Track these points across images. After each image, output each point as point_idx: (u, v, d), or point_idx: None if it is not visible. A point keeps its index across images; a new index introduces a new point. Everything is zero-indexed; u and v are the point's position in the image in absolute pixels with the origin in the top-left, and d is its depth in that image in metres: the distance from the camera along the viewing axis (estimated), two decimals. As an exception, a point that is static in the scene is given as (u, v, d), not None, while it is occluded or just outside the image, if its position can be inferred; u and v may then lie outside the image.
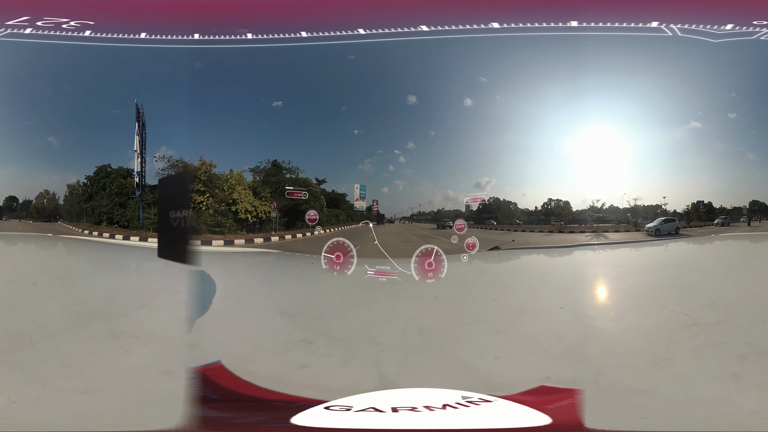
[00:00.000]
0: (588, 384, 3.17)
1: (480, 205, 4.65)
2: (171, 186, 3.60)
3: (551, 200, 4.70)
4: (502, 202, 4.88)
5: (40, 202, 4.06)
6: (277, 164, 4.99)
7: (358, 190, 4.86)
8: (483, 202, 4.47)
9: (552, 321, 3.77)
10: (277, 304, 3.96)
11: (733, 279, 4.24)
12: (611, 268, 4.37)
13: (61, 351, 3.39)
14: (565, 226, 4.83)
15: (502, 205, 4.92)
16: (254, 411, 3.12)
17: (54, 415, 2.89)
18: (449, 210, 4.43)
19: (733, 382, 3.16)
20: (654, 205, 4.61)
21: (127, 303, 3.79)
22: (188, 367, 3.28)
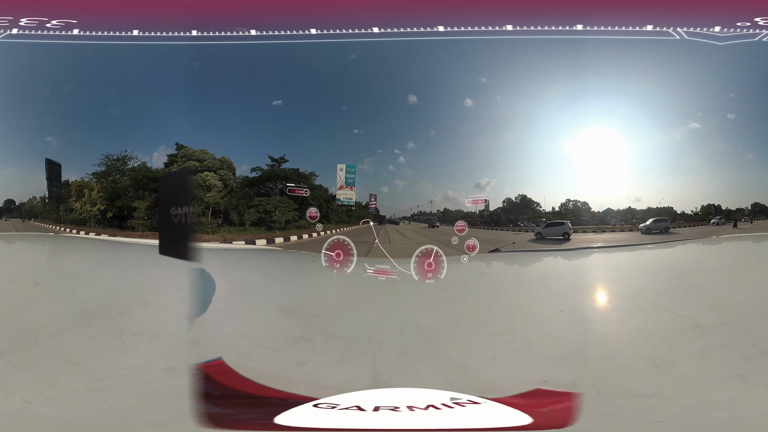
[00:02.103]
0: (587, 387, 3.13)
1: (505, 204, 4.55)
2: (171, 182, 3.62)
3: (569, 201, 4.54)
4: (529, 201, 4.56)
5: (29, 205, 4.20)
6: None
7: (344, 173, 3.84)
8: (509, 201, 4.39)
9: (552, 324, 3.73)
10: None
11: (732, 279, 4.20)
12: (612, 270, 4.34)
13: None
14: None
15: (529, 204, 4.61)
16: (256, 407, 3.12)
17: (71, 415, 2.92)
18: (452, 210, 4.41)
19: (740, 384, 3.12)
20: (660, 207, 4.55)
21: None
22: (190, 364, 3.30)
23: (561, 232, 4.58)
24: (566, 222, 4.57)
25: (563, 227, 4.57)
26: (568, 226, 4.56)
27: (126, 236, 4.11)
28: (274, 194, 4.56)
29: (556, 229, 4.60)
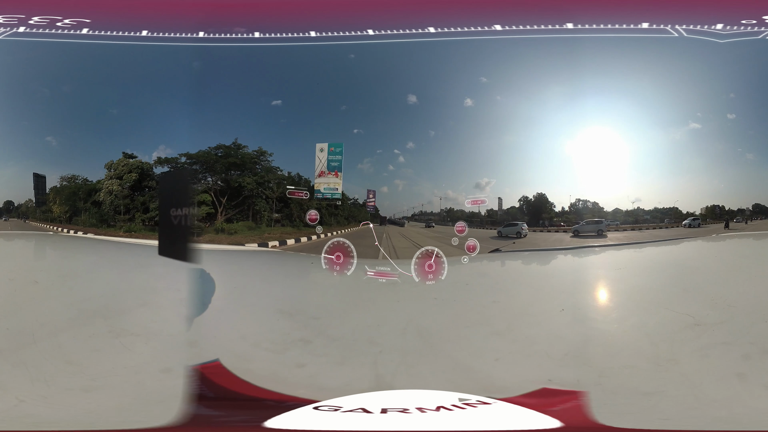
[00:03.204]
0: (591, 386, 3.14)
1: (522, 204, 4.48)
2: (171, 182, 3.59)
3: (579, 200, 4.49)
4: (545, 200, 4.41)
5: (25, 206, 4.57)
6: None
7: (325, 154, 2.79)
8: (526, 199, 4.35)
9: (553, 323, 3.73)
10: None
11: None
12: (613, 269, 4.36)
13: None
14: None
15: (546, 204, 4.46)
16: (251, 409, 3.07)
17: (62, 414, 2.90)
18: (456, 210, 4.39)
19: (739, 382, 3.14)
20: (667, 207, 4.54)
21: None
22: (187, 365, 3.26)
23: (596, 230, 4.44)
24: (602, 220, 4.49)
25: (599, 225, 4.45)
26: (603, 224, 4.48)
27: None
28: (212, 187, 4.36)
29: (593, 227, 4.48)
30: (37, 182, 4.28)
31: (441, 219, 4.45)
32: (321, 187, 3.20)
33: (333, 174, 3.16)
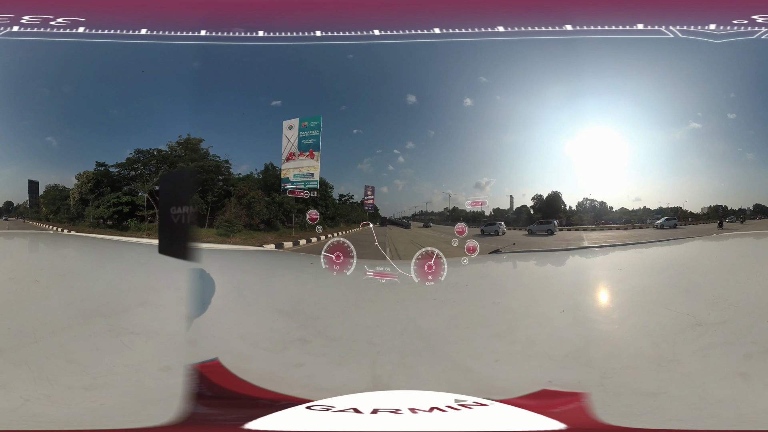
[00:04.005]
0: (594, 387, 3.12)
1: (536, 202, 4.46)
2: (173, 181, 3.60)
3: (586, 199, 4.45)
4: (556, 199, 4.36)
5: (23, 207, 4.81)
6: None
7: (295, 131, 2.00)
8: (540, 197, 4.31)
9: (554, 324, 3.72)
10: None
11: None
12: (613, 269, 4.35)
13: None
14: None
15: (559, 203, 4.41)
16: (251, 408, 3.05)
17: (66, 413, 2.91)
18: (460, 209, 4.38)
19: (741, 382, 3.12)
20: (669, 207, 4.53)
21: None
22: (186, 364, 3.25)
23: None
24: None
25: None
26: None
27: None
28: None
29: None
30: (31, 187, 4.61)
31: (444, 219, 4.44)
32: (290, 174, 2.60)
33: (307, 155, 2.48)
